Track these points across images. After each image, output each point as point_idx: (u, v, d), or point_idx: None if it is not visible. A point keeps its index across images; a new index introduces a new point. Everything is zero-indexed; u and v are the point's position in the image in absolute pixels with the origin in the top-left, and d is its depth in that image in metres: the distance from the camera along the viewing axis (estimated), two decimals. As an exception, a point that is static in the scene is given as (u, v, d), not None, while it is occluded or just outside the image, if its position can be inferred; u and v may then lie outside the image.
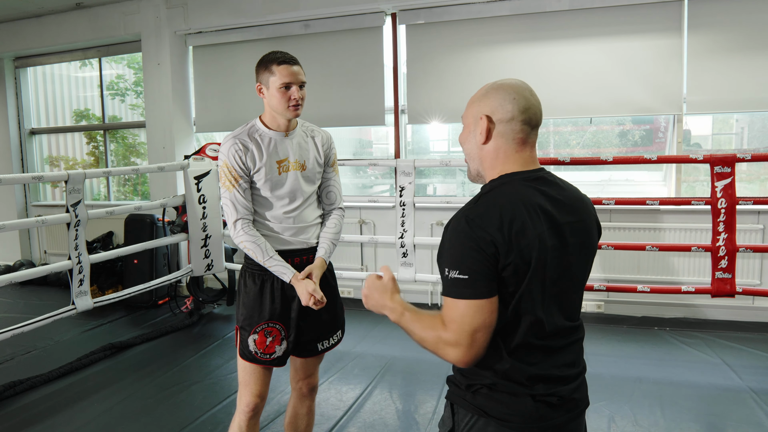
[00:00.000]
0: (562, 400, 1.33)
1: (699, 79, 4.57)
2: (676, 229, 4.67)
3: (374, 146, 7.08)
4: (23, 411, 3.39)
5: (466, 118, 1.42)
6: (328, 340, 2.38)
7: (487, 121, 1.34)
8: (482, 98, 1.37)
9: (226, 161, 2.18)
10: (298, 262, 2.27)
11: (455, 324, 1.23)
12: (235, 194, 2.18)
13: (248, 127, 2.25)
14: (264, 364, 2.24)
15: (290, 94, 2.16)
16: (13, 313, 5.36)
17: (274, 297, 2.24)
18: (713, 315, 4.67)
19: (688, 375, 3.64)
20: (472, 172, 1.44)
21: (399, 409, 3.35)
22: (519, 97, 1.33)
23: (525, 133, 1.34)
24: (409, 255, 4.58)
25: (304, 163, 2.28)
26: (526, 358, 1.30)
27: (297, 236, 2.28)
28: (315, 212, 2.35)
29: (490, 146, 1.36)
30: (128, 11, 5.99)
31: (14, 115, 7.12)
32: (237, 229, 2.19)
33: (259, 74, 2.21)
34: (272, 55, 2.19)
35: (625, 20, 4.67)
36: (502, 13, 4.92)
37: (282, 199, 2.25)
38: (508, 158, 1.35)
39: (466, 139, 1.42)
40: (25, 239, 7.22)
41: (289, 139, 2.26)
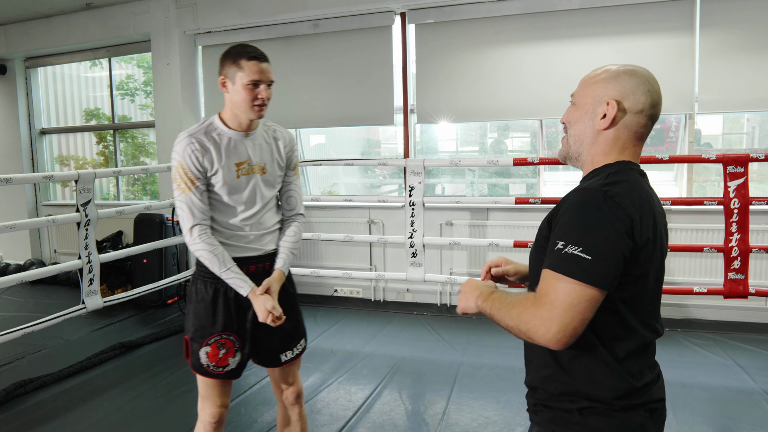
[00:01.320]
0: (662, 404, 1.28)
1: (711, 79, 4.53)
2: (687, 229, 4.62)
3: (383, 146, 7.07)
4: (34, 410, 3.40)
5: (582, 97, 1.30)
6: (291, 350, 2.24)
7: (617, 108, 1.23)
8: (611, 80, 1.26)
9: (181, 162, 1.99)
10: (253, 270, 2.13)
11: (548, 299, 1.11)
12: (191, 197, 2.00)
13: (206, 124, 2.08)
14: (216, 377, 2.10)
15: (257, 92, 2.02)
16: (23, 312, 5.39)
17: (229, 306, 2.09)
18: (726, 316, 4.62)
19: (700, 377, 3.61)
20: (572, 153, 1.33)
21: (408, 409, 3.33)
22: (652, 90, 1.24)
23: (647, 129, 1.27)
24: (419, 255, 4.56)
25: (264, 166, 2.13)
26: (635, 366, 1.21)
27: (254, 243, 2.14)
28: (274, 218, 2.21)
29: (610, 134, 1.26)
30: (138, 11, 6.00)
31: (25, 115, 7.16)
32: (193, 236, 2.00)
33: (224, 67, 2.03)
34: (241, 48, 2.02)
35: (637, 19, 4.64)
36: (512, 12, 4.89)
37: (240, 204, 2.09)
38: (624, 149, 1.27)
39: (577, 119, 1.30)
40: (36, 239, 7.26)
41: (249, 139, 2.10)
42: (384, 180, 6.97)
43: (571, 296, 1.09)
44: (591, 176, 1.27)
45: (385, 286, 5.52)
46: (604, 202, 1.12)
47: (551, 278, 1.12)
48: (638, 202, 1.16)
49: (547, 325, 1.09)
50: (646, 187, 1.24)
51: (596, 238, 1.10)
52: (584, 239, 1.10)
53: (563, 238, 1.13)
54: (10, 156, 7.17)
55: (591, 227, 1.11)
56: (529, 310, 1.12)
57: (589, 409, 1.20)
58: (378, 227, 5.48)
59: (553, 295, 1.10)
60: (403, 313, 5.13)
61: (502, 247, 4.95)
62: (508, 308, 1.17)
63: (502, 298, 1.21)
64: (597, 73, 1.29)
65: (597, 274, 1.09)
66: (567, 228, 1.14)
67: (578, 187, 1.21)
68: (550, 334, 1.09)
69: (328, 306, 5.41)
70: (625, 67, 1.26)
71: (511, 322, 1.15)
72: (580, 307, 1.09)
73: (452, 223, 5.21)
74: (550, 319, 1.09)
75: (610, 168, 1.23)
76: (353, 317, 5.07)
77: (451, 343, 4.27)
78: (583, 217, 1.13)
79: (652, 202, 1.22)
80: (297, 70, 5.66)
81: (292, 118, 5.78)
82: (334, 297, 5.68)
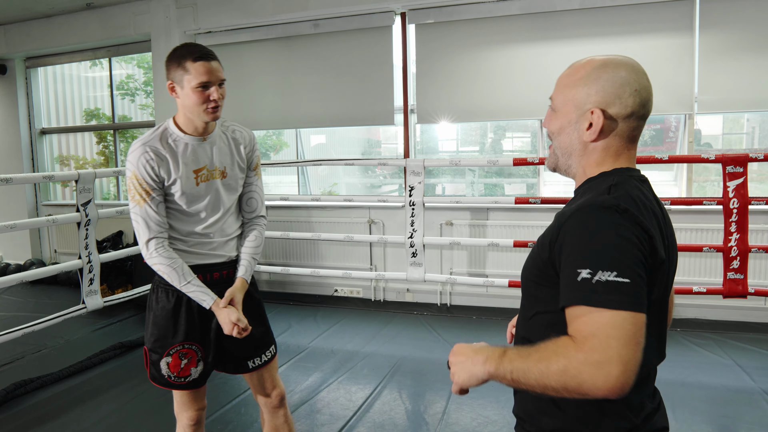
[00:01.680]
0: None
1: (710, 79, 4.53)
2: (687, 229, 4.63)
3: (383, 146, 7.08)
4: (34, 409, 3.40)
5: (562, 102, 1.15)
6: (259, 357, 2.16)
7: (603, 117, 1.09)
8: (591, 81, 1.10)
9: (136, 172, 1.88)
10: (217, 277, 2.06)
11: (597, 339, 0.90)
12: (146, 210, 1.90)
13: (160, 131, 1.95)
14: (177, 388, 2.05)
15: (208, 94, 1.88)
16: (24, 312, 5.39)
17: (192, 315, 2.02)
18: (725, 316, 4.63)
19: (699, 376, 3.61)
20: (561, 165, 1.19)
21: (409, 409, 3.34)
22: (640, 88, 1.09)
23: (639, 130, 1.13)
24: (419, 255, 4.57)
25: (224, 170, 2.02)
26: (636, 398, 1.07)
27: (218, 250, 2.06)
28: (236, 223, 2.13)
29: (599, 144, 1.12)
30: (138, 11, 6.01)
31: (25, 115, 7.16)
32: (150, 250, 1.91)
33: (170, 70, 1.90)
34: (186, 49, 1.88)
35: (636, 19, 4.64)
36: (512, 12, 4.90)
37: (201, 212, 2.00)
38: (618, 156, 1.13)
39: (560, 129, 1.16)
40: (36, 238, 7.26)
41: (207, 143, 1.98)
42: (384, 180, 6.98)
43: (624, 329, 0.90)
44: (586, 185, 1.14)
45: (385, 286, 5.53)
46: (620, 217, 0.98)
47: (591, 315, 0.92)
48: (648, 215, 1.03)
49: (605, 370, 0.88)
50: (649, 195, 1.12)
51: (627, 257, 0.95)
52: (614, 261, 0.94)
53: (587, 265, 0.95)
54: (10, 156, 7.17)
55: (616, 246, 0.95)
56: (575, 359, 0.90)
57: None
58: (378, 227, 5.48)
59: (603, 334, 0.90)
60: (404, 312, 5.13)
61: (502, 247, 4.96)
62: (542, 364, 0.94)
63: (524, 356, 0.98)
64: (574, 72, 1.14)
65: (640, 296, 0.94)
66: (588, 253, 0.96)
67: (580, 204, 1.04)
68: (611, 379, 0.88)
69: (329, 306, 5.41)
70: (605, 61, 1.12)
71: (554, 381, 0.92)
72: (636, 337, 0.91)
73: (452, 223, 5.21)
74: (608, 363, 0.88)
75: (610, 179, 1.09)
76: (353, 317, 5.07)
77: (451, 343, 4.26)
78: (603, 236, 0.97)
79: (658, 215, 1.10)
80: (297, 70, 5.66)
81: (292, 118, 5.79)
82: (334, 297, 5.69)
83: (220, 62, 1.93)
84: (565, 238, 1.02)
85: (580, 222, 1.00)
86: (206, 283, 2.03)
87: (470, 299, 5.26)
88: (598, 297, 0.92)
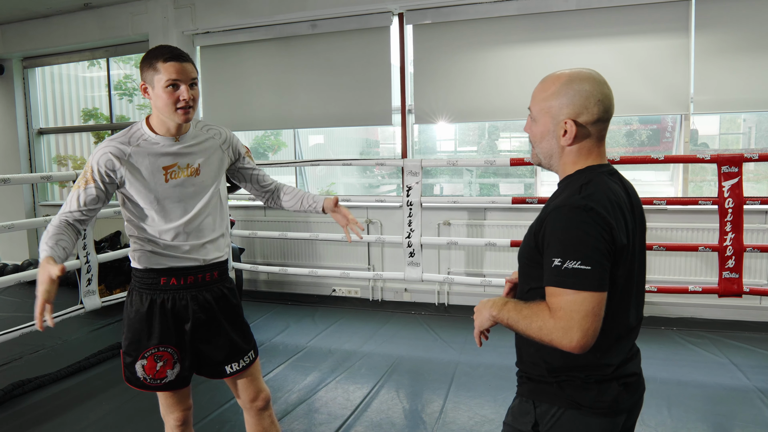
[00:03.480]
0: (636, 377, 1.41)
1: (706, 79, 4.55)
2: (683, 228, 4.65)
3: (381, 146, 7.10)
4: (31, 410, 3.40)
5: (539, 114, 1.40)
6: (237, 363, 2.13)
7: (575, 126, 1.33)
8: (562, 95, 1.34)
9: (92, 161, 1.88)
10: (192, 281, 2.03)
11: (563, 312, 1.22)
12: (76, 193, 1.89)
13: (131, 132, 1.94)
14: (154, 389, 2.03)
15: (178, 94, 1.86)
16: (21, 312, 5.39)
17: (166, 318, 2.00)
18: (720, 315, 4.66)
19: (695, 375, 3.63)
20: (544, 164, 1.46)
21: (406, 408, 3.35)
22: (603, 97, 1.33)
23: (605, 131, 1.38)
24: (416, 255, 4.58)
25: (197, 167, 2.00)
26: (614, 348, 1.34)
27: (192, 253, 2.02)
28: (215, 228, 2.08)
29: (574, 147, 1.37)
30: (136, 11, 6.01)
31: (22, 115, 7.15)
32: (56, 218, 1.88)
33: (143, 72, 1.89)
34: (158, 50, 1.87)
35: (633, 20, 4.66)
36: (509, 13, 4.91)
37: (171, 211, 1.97)
38: (590, 154, 1.38)
39: (540, 138, 1.41)
40: (33, 239, 7.25)
41: (180, 143, 1.97)
42: (382, 180, 7.00)
43: (584, 305, 1.21)
44: (566, 181, 1.39)
45: (383, 286, 5.54)
46: (587, 215, 1.23)
47: (560, 294, 1.23)
48: (611, 208, 1.27)
49: (569, 335, 1.20)
50: (616, 187, 1.35)
51: (589, 248, 1.22)
52: (579, 253, 1.22)
53: (559, 255, 1.23)
54: (8, 156, 7.16)
55: (582, 241, 1.22)
56: (549, 323, 1.23)
57: (567, 382, 1.35)
58: (376, 227, 5.50)
59: (568, 308, 1.21)
60: (401, 312, 5.15)
61: (499, 247, 4.98)
62: (527, 320, 1.27)
63: (518, 309, 1.31)
64: (547, 86, 1.37)
65: (599, 279, 1.21)
66: (560, 245, 1.24)
67: (557, 204, 1.30)
68: (574, 341, 1.20)
69: (327, 306, 5.43)
70: (572, 76, 1.34)
71: (534, 333, 1.26)
72: (594, 311, 1.21)
73: (450, 223, 5.23)
74: (570, 329, 1.20)
75: (581, 178, 1.34)
76: (351, 317, 5.09)
77: (448, 343, 4.29)
78: (573, 233, 1.24)
79: (622, 204, 1.32)
80: (295, 71, 5.67)
81: (289, 119, 5.79)
82: (332, 297, 5.70)
83: (193, 64, 1.92)
84: (545, 231, 1.29)
85: (556, 219, 1.27)
86: (179, 287, 2.02)
87: (468, 299, 5.27)
88: (565, 280, 1.22)
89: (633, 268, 1.35)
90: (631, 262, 1.33)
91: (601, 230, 1.23)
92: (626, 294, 1.35)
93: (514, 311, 1.32)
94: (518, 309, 1.31)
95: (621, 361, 1.36)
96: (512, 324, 1.32)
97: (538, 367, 1.39)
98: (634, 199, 1.41)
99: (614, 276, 1.27)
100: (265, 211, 5.85)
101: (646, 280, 1.47)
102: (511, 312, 1.32)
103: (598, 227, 1.23)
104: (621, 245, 1.26)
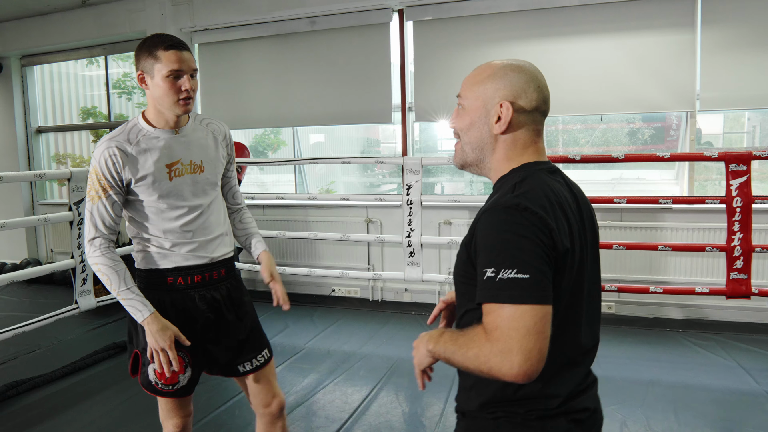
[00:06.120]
0: (589, 413, 1.22)
1: (712, 76, 4.47)
2: (689, 228, 4.57)
3: (382, 145, 7.03)
4: (25, 411, 3.35)
5: (471, 99, 1.23)
6: (250, 362, 2.08)
7: (511, 109, 1.17)
8: (499, 78, 1.19)
9: (97, 168, 1.80)
10: (199, 280, 1.97)
11: (500, 331, 1.01)
12: (98, 207, 1.81)
13: (129, 127, 1.87)
14: (166, 396, 1.96)
15: (180, 84, 1.79)
16: (18, 311, 5.33)
17: (174, 320, 1.91)
18: (728, 316, 4.57)
19: (702, 378, 3.55)
20: (470, 161, 1.26)
21: (405, 411, 3.28)
22: (542, 85, 1.20)
23: (541, 125, 1.23)
24: (416, 254, 4.51)
25: (201, 164, 1.94)
26: (561, 375, 1.15)
27: (200, 251, 1.96)
28: (220, 223, 2.04)
29: (509, 137, 1.20)
30: (133, 8, 5.95)
31: (21, 114, 7.10)
32: (93, 248, 1.81)
33: (140, 60, 1.81)
34: (157, 38, 1.80)
35: (637, 15, 4.58)
36: (511, 8, 4.84)
37: (176, 209, 1.91)
38: (526, 149, 1.21)
39: (470, 124, 1.23)
40: (32, 237, 7.21)
41: (180, 136, 1.90)
42: (383, 179, 6.93)
43: (524, 321, 1.00)
44: (500, 182, 1.21)
45: (383, 286, 5.47)
46: (521, 216, 1.05)
47: (496, 311, 1.02)
48: (550, 207, 1.10)
49: (509, 359, 0.99)
50: (557, 186, 1.18)
51: (526, 254, 1.03)
52: (515, 259, 1.02)
53: (491, 264, 1.04)
54: (6, 155, 7.11)
55: (516, 245, 1.04)
56: (485, 348, 1.02)
57: (504, 419, 1.16)
58: (376, 226, 5.43)
59: (505, 326, 1.00)
60: (402, 313, 5.07)
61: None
62: (463, 349, 1.07)
63: (453, 339, 1.11)
64: (481, 71, 1.23)
65: (540, 289, 1.02)
66: (492, 252, 1.05)
67: (488, 206, 1.13)
68: (515, 367, 0.99)
69: (326, 306, 5.36)
70: (509, 62, 1.21)
71: (471, 364, 1.05)
72: (537, 328, 1.00)
73: (451, 222, 5.16)
74: (510, 352, 0.99)
75: (516, 176, 1.17)
76: (351, 317, 5.01)
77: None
78: (505, 236, 1.05)
79: (565, 204, 1.15)
80: (294, 68, 5.60)
81: (289, 116, 5.73)
82: (331, 297, 5.63)
83: (191, 53, 1.85)
84: (477, 239, 1.10)
85: (486, 223, 1.09)
86: (186, 286, 1.96)
87: (469, 299, 5.19)
88: (500, 294, 1.01)
89: (582, 279, 1.17)
90: (579, 272, 1.15)
91: (539, 232, 1.04)
92: (574, 309, 1.16)
93: (450, 342, 1.10)
94: (454, 338, 1.10)
95: (570, 393, 1.16)
96: (449, 357, 1.11)
97: (471, 401, 1.20)
98: (581, 200, 1.24)
99: (560, 286, 1.08)
100: (264, 210, 5.78)
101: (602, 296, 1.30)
102: (447, 344, 1.11)
103: (535, 229, 1.04)
104: (563, 250, 1.07)
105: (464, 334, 1.09)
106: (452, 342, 1.10)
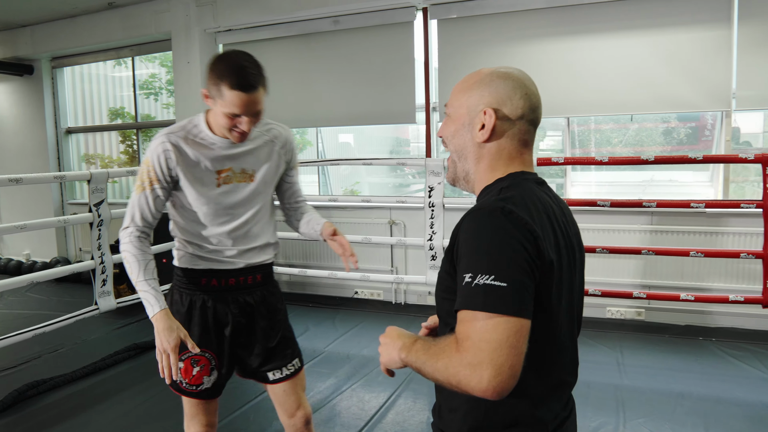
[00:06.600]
0: None
1: (749, 73, 4.27)
2: (723, 233, 4.37)
3: (411, 145, 6.94)
4: (45, 411, 3.37)
5: (457, 107, 1.18)
6: (280, 370, 2.03)
7: (495, 117, 1.12)
8: (484, 86, 1.14)
9: (149, 159, 1.81)
10: (233, 283, 1.95)
11: (471, 342, 0.93)
12: (142, 198, 1.82)
13: (189, 126, 1.85)
14: (189, 396, 1.96)
15: (236, 122, 1.76)
16: (44, 310, 5.41)
17: (206, 320, 1.92)
18: (765, 326, 4.36)
19: (736, 391, 3.38)
20: (459, 172, 1.20)
21: (423, 420, 3.20)
22: (530, 93, 1.14)
23: (530, 135, 1.16)
24: (438, 258, 4.42)
25: (252, 174, 1.92)
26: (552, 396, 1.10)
27: (235, 258, 1.94)
28: (265, 233, 1.99)
29: (493, 146, 1.14)
30: (159, 10, 5.99)
31: (51, 115, 7.23)
32: (125, 236, 1.82)
33: (208, 80, 1.77)
34: (227, 68, 1.72)
35: (670, 11, 4.41)
36: (537, 5, 4.71)
37: (219, 216, 1.89)
38: (512, 160, 1.15)
39: (454, 132, 1.18)
40: (62, 236, 7.34)
41: (238, 145, 1.87)
42: (413, 179, 6.85)
43: (496, 333, 0.92)
44: (484, 193, 1.15)
45: (406, 289, 5.39)
46: (505, 219, 0.99)
47: (469, 318, 0.95)
48: (536, 214, 1.03)
49: (478, 372, 0.91)
50: (544, 196, 1.12)
51: (506, 260, 0.95)
52: (493, 265, 0.95)
53: (469, 269, 0.96)
54: (37, 155, 7.25)
55: (497, 250, 0.96)
56: (455, 359, 0.94)
57: None
58: (399, 228, 5.35)
59: (477, 337, 0.92)
60: (425, 316, 4.92)
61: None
62: (434, 360, 0.99)
63: (425, 348, 1.03)
64: (468, 79, 1.18)
65: (518, 301, 0.94)
66: (471, 257, 0.98)
67: (470, 209, 1.06)
68: (484, 381, 0.91)
69: (348, 308, 5.30)
70: (497, 70, 1.16)
71: (440, 376, 0.97)
72: (510, 342, 0.92)
73: (475, 225, 5.04)
74: (479, 365, 0.91)
75: (501, 183, 1.12)
76: (373, 320, 4.95)
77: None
78: (485, 240, 0.98)
79: (551, 215, 1.09)
80: (317, 68, 5.56)
81: (312, 117, 5.70)
82: (354, 299, 5.58)
83: (265, 88, 1.77)
84: (458, 244, 1.03)
85: (467, 227, 1.02)
86: (220, 288, 1.94)
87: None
88: (474, 300, 0.94)
89: (572, 299, 1.11)
90: (568, 290, 1.09)
91: (522, 239, 0.97)
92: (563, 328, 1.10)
93: (422, 351, 1.03)
94: (426, 348, 1.03)
95: (557, 416, 1.10)
96: (420, 367, 1.03)
97: (453, 423, 1.11)
98: (568, 217, 1.18)
99: (545, 301, 1.01)
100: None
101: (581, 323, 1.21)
102: (419, 353, 1.04)
103: (519, 234, 0.97)
104: (548, 261, 1.00)
105: (437, 343, 1.02)
106: (424, 351, 1.03)
